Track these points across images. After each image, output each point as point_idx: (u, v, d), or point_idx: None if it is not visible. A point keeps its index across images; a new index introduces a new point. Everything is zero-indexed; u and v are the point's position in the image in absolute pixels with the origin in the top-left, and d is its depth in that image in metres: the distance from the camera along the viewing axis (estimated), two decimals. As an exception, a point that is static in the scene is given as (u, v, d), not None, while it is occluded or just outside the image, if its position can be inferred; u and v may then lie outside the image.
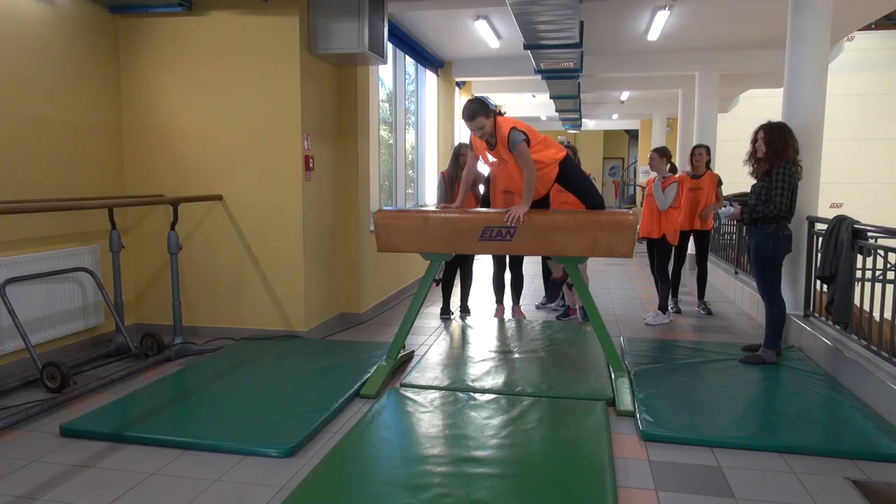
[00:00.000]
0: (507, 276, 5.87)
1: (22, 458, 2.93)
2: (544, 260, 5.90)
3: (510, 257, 5.79)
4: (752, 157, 4.33)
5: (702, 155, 6.00)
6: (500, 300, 5.87)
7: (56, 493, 2.61)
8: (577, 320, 5.69)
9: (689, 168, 6.11)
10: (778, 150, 4.11)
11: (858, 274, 4.03)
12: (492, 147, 3.99)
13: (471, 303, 6.15)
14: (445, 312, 5.94)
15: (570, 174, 4.13)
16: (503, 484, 2.64)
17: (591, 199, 4.14)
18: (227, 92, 4.91)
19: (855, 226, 3.94)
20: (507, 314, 5.84)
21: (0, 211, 3.55)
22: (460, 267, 5.95)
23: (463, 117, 3.90)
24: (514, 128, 3.85)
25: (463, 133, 10.83)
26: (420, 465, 2.81)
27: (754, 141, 4.28)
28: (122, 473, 2.78)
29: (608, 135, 22.70)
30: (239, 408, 3.50)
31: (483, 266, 8.18)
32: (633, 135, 21.81)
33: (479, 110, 3.82)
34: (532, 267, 7.74)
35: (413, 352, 4.64)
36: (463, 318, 5.78)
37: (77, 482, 2.70)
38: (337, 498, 2.53)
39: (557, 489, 2.60)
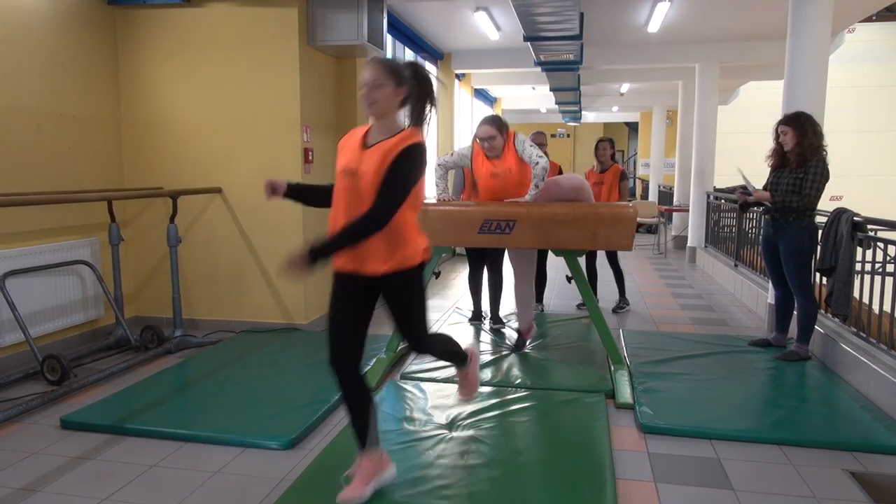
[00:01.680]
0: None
1: (22, 451, 2.93)
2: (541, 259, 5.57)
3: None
4: (776, 152, 4.25)
5: (606, 149, 5.76)
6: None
7: (56, 485, 2.61)
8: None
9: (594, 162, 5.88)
10: (812, 143, 4.02)
11: (858, 266, 4.03)
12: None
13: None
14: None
15: None
16: (502, 476, 2.65)
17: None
18: (226, 84, 4.89)
19: (854, 218, 3.94)
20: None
21: (-1, 204, 3.55)
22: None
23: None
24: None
25: (463, 125, 10.81)
26: (420, 457, 2.82)
27: (777, 137, 4.21)
28: (123, 465, 2.79)
29: (608, 127, 22.66)
30: (239, 400, 3.50)
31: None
32: (633, 127, 21.78)
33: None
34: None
35: (413, 344, 4.63)
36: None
37: (77, 474, 2.71)
38: (337, 490, 2.54)
39: (556, 481, 2.61)
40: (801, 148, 4.05)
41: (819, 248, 4.23)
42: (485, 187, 4.15)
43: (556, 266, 6.46)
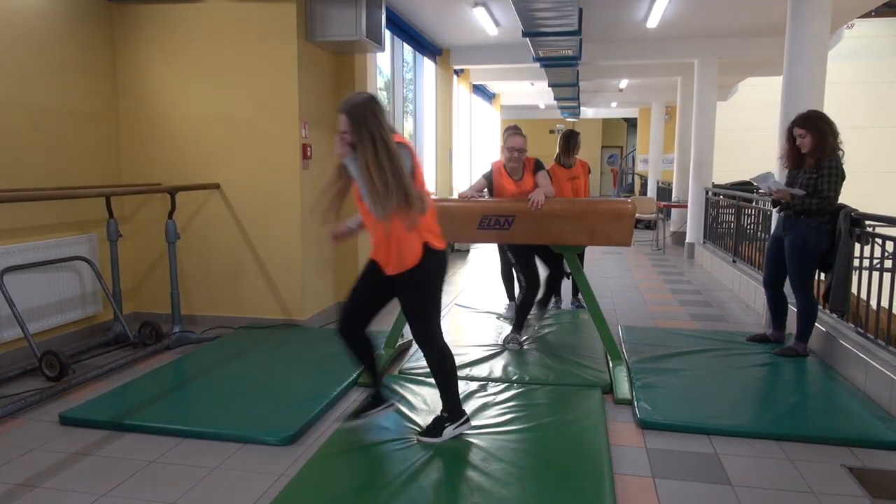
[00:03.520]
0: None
1: (21, 447, 2.93)
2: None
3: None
4: (791, 154, 4.14)
5: (575, 142, 5.47)
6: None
7: (56, 482, 2.62)
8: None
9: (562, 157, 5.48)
10: (831, 145, 3.92)
11: (856, 262, 4.03)
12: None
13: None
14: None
15: None
16: (501, 470, 2.66)
17: None
18: (225, 80, 4.88)
19: (853, 214, 3.94)
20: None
21: (-4, 199, 3.54)
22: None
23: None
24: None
25: (462, 121, 10.81)
26: (418, 452, 2.82)
27: (791, 139, 4.09)
28: (122, 461, 2.79)
29: (606, 123, 22.67)
30: (238, 396, 3.50)
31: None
32: (631, 123, 21.77)
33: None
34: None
35: (412, 340, 4.64)
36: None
37: (76, 470, 2.71)
38: (336, 485, 2.55)
39: (555, 476, 2.62)
40: (819, 152, 3.94)
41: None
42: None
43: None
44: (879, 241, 3.85)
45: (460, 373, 3.86)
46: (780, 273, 4.32)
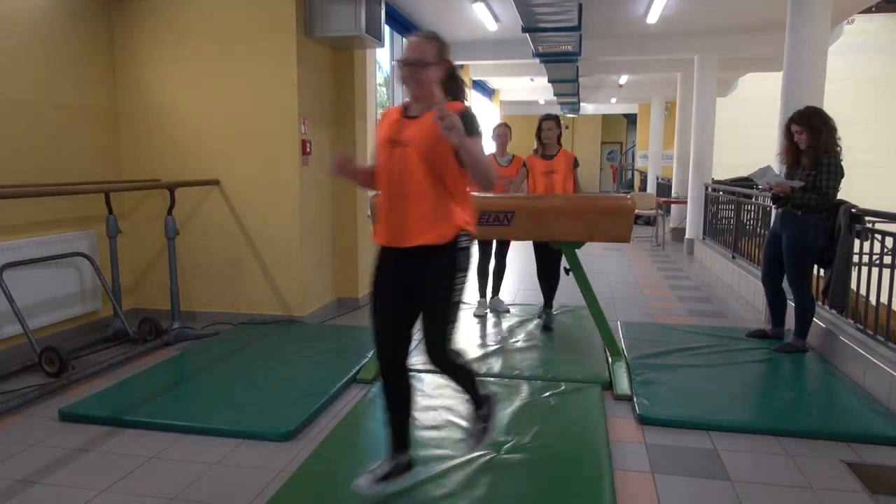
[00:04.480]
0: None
1: (21, 443, 2.94)
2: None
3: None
4: (789, 150, 4.14)
5: (551, 129, 4.71)
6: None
7: (55, 477, 2.62)
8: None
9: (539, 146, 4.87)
10: (826, 142, 3.91)
11: (856, 258, 4.03)
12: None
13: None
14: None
15: None
16: (500, 465, 2.66)
17: None
18: (224, 75, 4.87)
19: (853, 210, 3.93)
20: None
21: (-5, 196, 3.54)
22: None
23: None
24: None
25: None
26: (418, 447, 2.82)
27: (789, 135, 4.10)
28: (121, 457, 2.79)
29: (606, 119, 22.64)
30: (237, 392, 3.51)
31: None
32: (630, 119, 21.75)
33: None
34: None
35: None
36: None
37: (76, 466, 2.72)
38: (335, 481, 2.55)
39: (554, 472, 2.62)
40: (815, 150, 3.96)
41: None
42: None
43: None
44: (879, 237, 3.85)
45: (460, 369, 3.88)
46: (778, 270, 4.32)
